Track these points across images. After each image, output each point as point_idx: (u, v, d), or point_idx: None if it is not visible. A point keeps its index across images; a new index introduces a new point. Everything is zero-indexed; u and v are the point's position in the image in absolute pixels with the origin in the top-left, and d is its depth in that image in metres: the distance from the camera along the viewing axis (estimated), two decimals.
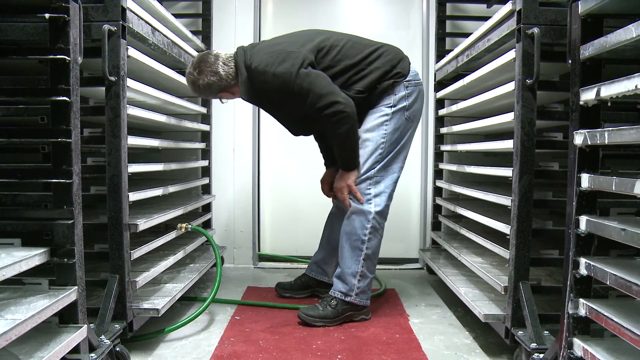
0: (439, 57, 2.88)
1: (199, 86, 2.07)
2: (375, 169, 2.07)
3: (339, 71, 2.02)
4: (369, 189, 2.07)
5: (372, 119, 2.08)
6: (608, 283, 1.15)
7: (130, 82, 1.75)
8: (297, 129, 2.21)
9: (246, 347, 1.83)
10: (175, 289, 2.02)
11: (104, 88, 1.66)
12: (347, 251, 2.10)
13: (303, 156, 3.09)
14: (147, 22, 1.88)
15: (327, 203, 2.46)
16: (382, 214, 2.09)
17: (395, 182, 2.14)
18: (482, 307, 1.85)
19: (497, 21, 1.86)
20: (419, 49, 3.09)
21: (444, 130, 2.86)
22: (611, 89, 1.12)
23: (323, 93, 1.93)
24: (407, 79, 2.08)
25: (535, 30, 1.59)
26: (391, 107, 2.06)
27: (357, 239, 2.07)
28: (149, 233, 2.08)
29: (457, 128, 2.54)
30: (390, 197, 2.12)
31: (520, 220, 1.68)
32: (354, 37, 2.15)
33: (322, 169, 2.44)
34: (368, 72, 2.04)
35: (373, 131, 2.07)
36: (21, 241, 1.34)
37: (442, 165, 2.89)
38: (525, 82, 1.63)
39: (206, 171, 2.97)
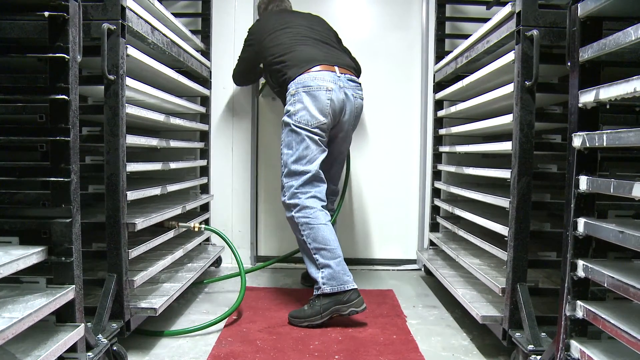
0: (438, 58, 2.88)
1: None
2: (283, 174, 2.23)
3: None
4: (284, 196, 2.22)
5: None
6: (605, 285, 1.15)
7: (129, 81, 1.75)
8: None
9: (243, 347, 1.83)
10: (172, 289, 2.02)
11: (102, 87, 1.66)
12: (304, 255, 2.21)
13: None
14: (146, 21, 1.87)
15: None
16: (302, 208, 2.17)
17: (309, 178, 2.18)
18: (480, 308, 1.85)
19: (497, 23, 1.86)
20: (418, 50, 3.10)
21: (442, 131, 2.86)
22: (610, 92, 1.13)
23: None
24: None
25: (535, 32, 1.59)
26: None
27: (300, 242, 2.19)
28: (147, 232, 2.07)
29: (455, 129, 2.55)
30: (303, 192, 2.18)
31: (518, 222, 1.68)
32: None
33: None
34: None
35: None
36: (19, 239, 1.34)
37: (440, 167, 2.90)
38: (524, 84, 1.63)
39: (204, 170, 2.97)
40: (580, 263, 1.26)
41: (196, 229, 2.30)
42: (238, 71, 2.71)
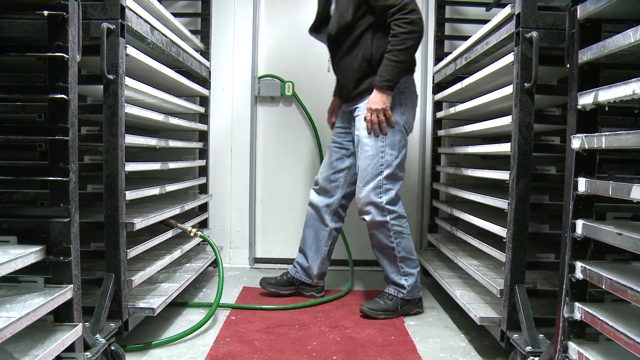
0: (438, 59, 2.89)
1: None
2: (383, 175, 2.12)
3: None
4: (380, 198, 2.13)
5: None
6: (604, 287, 1.15)
7: (128, 81, 1.75)
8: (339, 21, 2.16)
9: (241, 347, 1.83)
10: (171, 289, 2.02)
11: (102, 86, 1.66)
12: (384, 260, 2.22)
13: (300, 157, 3.10)
14: (146, 21, 1.87)
15: None
16: (399, 217, 2.17)
17: (402, 185, 2.22)
18: (478, 309, 1.85)
19: (496, 24, 1.86)
20: (418, 51, 3.09)
21: (441, 132, 2.86)
22: (609, 94, 1.13)
23: None
24: None
25: (534, 34, 1.59)
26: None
27: (386, 247, 2.18)
28: (146, 232, 2.07)
29: (454, 131, 2.55)
30: (398, 199, 2.19)
31: (516, 224, 1.68)
32: None
33: (316, 169, 2.46)
34: None
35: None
36: (17, 239, 1.34)
37: (439, 168, 2.90)
38: (523, 85, 1.64)
39: (203, 171, 2.96)
40: (579, 265, 1.26)
41: (192, 234, 2.30)
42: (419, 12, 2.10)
